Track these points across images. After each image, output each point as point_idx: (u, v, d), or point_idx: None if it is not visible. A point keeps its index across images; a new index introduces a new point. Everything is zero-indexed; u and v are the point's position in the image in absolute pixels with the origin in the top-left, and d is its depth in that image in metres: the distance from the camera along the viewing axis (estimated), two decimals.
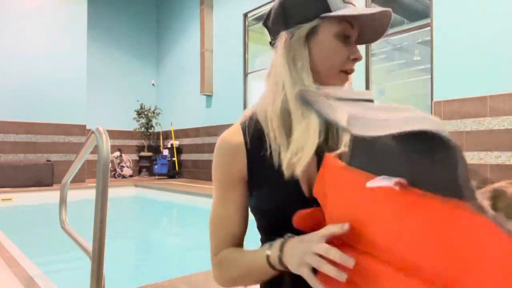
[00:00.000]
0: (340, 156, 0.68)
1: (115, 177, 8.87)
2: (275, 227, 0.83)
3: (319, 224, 0.67)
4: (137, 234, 4.38)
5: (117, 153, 9.04)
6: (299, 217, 0.70)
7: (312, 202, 0.80)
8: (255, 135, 0.83)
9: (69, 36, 7.73)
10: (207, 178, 7.97)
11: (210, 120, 8.13)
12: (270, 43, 0.84)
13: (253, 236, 0.90)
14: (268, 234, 0.84)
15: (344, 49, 0.77)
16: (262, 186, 0.83)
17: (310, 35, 0.77)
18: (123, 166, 9.07)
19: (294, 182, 0.79)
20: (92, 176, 7.92)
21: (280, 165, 0.79)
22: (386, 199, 0.51)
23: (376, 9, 0.73)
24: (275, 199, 0.82)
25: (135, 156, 9.62)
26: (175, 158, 8.70)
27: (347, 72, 0.79)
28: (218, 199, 0.85)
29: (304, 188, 0.82)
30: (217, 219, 0.85)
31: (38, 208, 5.71)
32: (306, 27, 0.76)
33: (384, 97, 6.25)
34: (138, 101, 9.47)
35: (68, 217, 2.21)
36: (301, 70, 0.77)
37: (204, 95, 8.12)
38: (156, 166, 8.76)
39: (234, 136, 0.84)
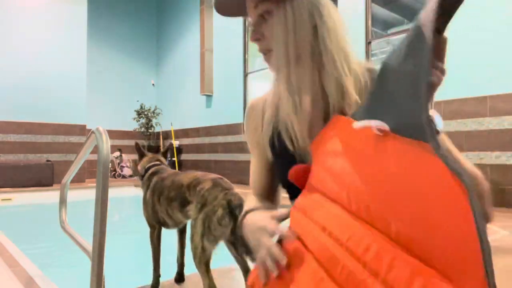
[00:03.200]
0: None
1: (115, 177, 8.87)
2: (291, 196, 0.87)
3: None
4: (137, 234, 4.37)
5: (117, 153, 9.03)
6: (294, 170, 0.74)
7: None
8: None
9: (69, 36, 7.72)
10: None
11: (210, 120, 8.12)
12: None
13: None
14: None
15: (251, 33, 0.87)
16: (276, 157, 0.87)
17: None
18: (123, 166, 9.07)
19: (299, 155, 0.81)
20: (92, 176, 7.92)
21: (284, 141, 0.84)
22: (364, 140, 0.58)
23: None
24: (282, 170, 0.84)
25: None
26: (175, 158, 8.69)
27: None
28: (252, 156, 0.94)
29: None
30: (251, 170, 0.94)
31: (38, 208, 5.70)
32: None
33: None
34: (138, 101, 9.46)
35: (68, 217, 2.21)
36: None
37: (204, 95, 8.12)
38: None
39: (261, 102, 0.92)
